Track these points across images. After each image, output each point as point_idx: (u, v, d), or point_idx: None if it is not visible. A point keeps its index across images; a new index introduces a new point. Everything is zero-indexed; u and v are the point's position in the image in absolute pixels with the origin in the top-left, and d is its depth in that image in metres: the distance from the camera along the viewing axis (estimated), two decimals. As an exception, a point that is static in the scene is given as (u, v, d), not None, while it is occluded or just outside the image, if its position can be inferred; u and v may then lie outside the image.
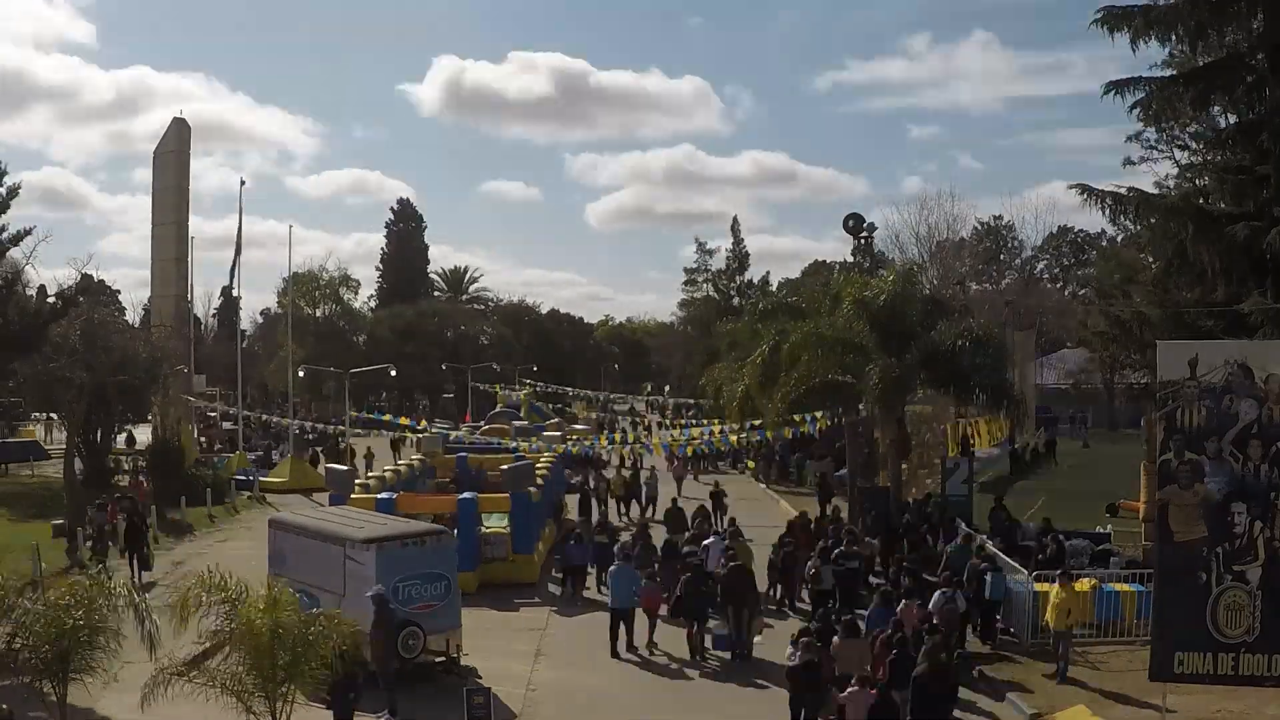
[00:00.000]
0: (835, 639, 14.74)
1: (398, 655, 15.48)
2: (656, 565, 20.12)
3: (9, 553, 23.81)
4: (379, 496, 23.08)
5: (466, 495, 24.01)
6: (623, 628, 18.21)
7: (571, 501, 30.84)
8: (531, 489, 24.98)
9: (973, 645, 17.70)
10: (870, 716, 12.49)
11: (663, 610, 18.76)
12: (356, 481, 25.82)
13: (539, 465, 29.31)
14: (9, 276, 30.03)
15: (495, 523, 23.79)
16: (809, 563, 20.02)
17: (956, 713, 14.06)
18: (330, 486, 25.93)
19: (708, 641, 18.03)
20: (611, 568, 19.19)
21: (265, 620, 11.12)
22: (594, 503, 31.23)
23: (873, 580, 20.78)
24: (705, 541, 21.79)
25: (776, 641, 16.82)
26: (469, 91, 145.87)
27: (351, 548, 16.44)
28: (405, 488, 26.27)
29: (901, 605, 16.23)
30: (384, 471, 28.94)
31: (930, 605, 16.50)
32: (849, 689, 12.99)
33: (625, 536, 23.68)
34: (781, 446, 40.28)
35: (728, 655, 17.72)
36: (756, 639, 17.83)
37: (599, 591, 21.58)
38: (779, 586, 21.37)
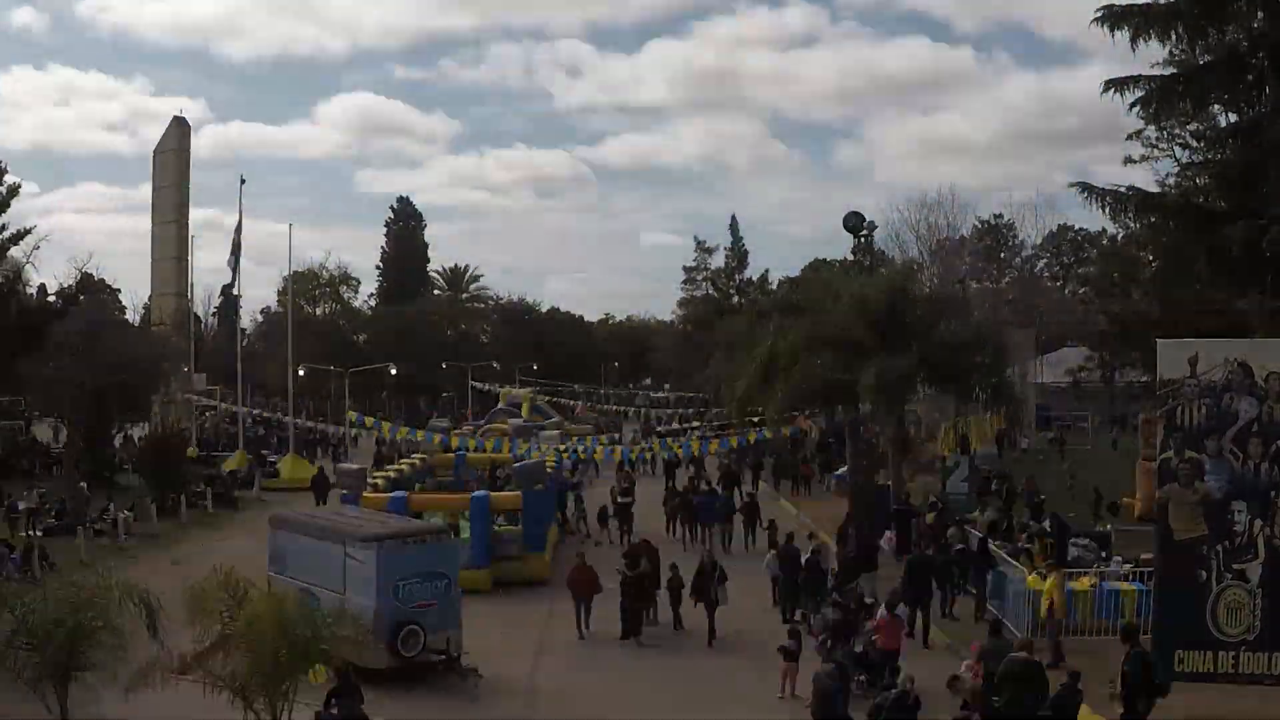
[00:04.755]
0: None
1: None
2: None
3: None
4: (391, 495, 23.05)
5: (480, 493, 23.97)
6: None
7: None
8: (541, 486, 24.91)
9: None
10: None
11: None
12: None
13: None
14: (9, 276, 29.95)
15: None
16: None
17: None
18: (342, 485, 25.87)
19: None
20: None
21: (269, 613, 11.06)
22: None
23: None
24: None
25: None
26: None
27: (352, 546, 16.44)
28: (404, 487, 26.22)
29: None
30: (389, 470, 28.91)
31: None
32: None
33: None
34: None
35: None
36: None
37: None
38: None
